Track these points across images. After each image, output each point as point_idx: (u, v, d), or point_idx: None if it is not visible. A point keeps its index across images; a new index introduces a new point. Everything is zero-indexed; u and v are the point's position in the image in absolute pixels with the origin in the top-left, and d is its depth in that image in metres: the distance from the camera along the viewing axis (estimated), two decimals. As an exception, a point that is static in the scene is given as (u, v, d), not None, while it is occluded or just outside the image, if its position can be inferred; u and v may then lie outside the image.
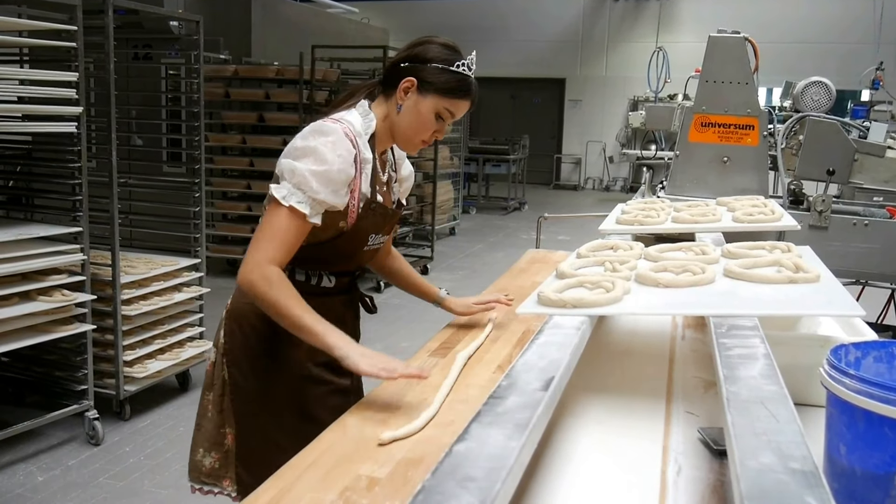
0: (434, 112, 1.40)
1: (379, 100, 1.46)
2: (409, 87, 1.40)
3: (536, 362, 1.04)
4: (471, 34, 13.72)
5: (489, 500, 0.65)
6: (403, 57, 1.43)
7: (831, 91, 3.29)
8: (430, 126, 1.43)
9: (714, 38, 2.75)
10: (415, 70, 1.40)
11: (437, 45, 1.41)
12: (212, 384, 1.51)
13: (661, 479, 1.07)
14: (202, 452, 1.51)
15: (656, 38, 12.36)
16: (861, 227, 2.74)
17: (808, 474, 0.60)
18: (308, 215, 1.33)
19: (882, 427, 0.83)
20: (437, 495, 0.66)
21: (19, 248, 2.69)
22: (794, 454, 0.64)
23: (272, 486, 1.07)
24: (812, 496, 0.56)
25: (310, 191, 1.32)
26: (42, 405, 3.12)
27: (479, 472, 0.70)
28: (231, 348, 1.47)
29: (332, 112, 1.45)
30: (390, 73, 1.44)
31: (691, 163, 2.85)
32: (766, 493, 0.58)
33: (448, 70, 1.39)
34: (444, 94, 1.39)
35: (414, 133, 1.43)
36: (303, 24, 7.54)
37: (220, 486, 1.50)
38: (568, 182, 14.29)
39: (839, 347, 0.99)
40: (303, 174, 1.32)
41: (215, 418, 1.49)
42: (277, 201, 1.33)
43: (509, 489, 0.71)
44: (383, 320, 4.92)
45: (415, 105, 1.40)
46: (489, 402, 0.89)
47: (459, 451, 0.75)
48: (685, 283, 1.42)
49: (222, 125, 5.89)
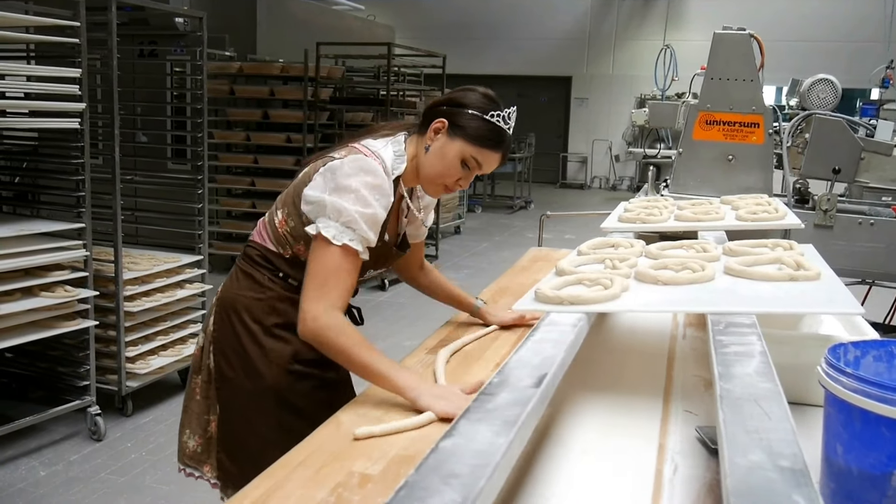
0: (460, 158, 1.37)
1: (413, 138, 1.44)
2: (439, 127, 1.38)
3: (530, 359, 1.03)
4: (477, 32, 13.72)
5: (472, 496, 0.64)
6: (443, 100, 1.42)
7: (838, 89, 3.26)
8: (454, 171, 1.39)
9: (719, 35, 2.73)
10: (449, 112, 1.38)
11: (477, 93, 1.40)
12: (199, 369, 1.52)
13: (656, 477, 1.06)
14: (188, 434, 1.52)
15: (664, 36, 12.30)
16: (867, 227, 2.71)
17: (798, 472, 0.59)
18: (361, 252, 1.32)
19: (879, 426, 0.81)
20: (420, 491, 0.65)
21: (22, 244, 2.70)
22: (785, 452, 0.63)
23: (262, 482, 1.06)
24: (800, 494, 0.55)
25: (360, 230, 1.30)
26: (45, 401, 3.14)
27: (464, 468, 0.69)
28: (219, 337, 1.48)
29: (370, 135, 1.43)
30: (427, 114, 1.42)
31: (695, 161, 2.82)
32: (753, 491, 0.56)
33: (481, 118, 1.36)
34: (472, 140, 1.36)
35: (437, 175, 1.40)
36: (308, 21, 7.54)
37: (201, 470, 1.51)
38: (574, 181, 14.24)
39: (838, 346, 0.97)
40: (350, 214, 1.29)
41: (201, 404, 1.50)
42: (326, 241, 1.29)
43: (495, 486, 0.70)
44: (387, 319, 4.92)
45: (442, 147, 1.38)
46: (479, 399, 0.88)
47: (445, 448, 0.74)
48: (684, 280, 1.41)
49: (227, 122, 5.90)
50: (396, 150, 1.41)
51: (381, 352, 1.28)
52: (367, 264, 1.44)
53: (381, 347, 1.32)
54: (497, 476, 0.70)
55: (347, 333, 1.27)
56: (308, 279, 1.31)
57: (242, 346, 1.44)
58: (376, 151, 1.37)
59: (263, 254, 1.46)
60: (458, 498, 0.64)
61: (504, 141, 1.39)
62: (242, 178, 5.80)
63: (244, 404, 1.45)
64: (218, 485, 1.50)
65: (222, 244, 5.73)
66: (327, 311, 1.27)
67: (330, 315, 1.27)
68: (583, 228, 7.02)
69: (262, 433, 1.42)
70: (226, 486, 1.49)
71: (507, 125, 1.39)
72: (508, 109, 1.40)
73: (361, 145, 1.38)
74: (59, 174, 3.07)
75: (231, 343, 1.45)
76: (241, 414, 1.46)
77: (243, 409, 1.46)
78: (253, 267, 1.47)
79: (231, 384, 1.46)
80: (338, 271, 1.29)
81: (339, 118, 5.97)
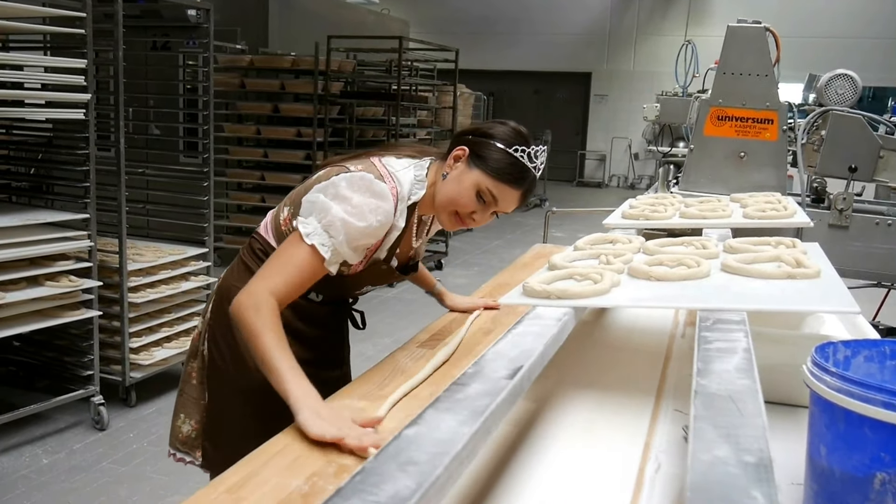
0: (475, 188, 1.28)
1: (436, 165, 1.39)
2: (460, 155, 1.32)
3: (508, 351, 1.00)
4: (495, 26, 13.63)
5: (427, 483, 0.62)
6: (470, 129, 1.36)
7: (857, 85, 3.15)
8: (468, 201, 1.30)
9: (733, 28, 2.66)
10: (473, 142, 1.31)
11: (508, 126, 1.32)
12: (195, 354, 1.51)
13: (638, 475, 1.03)
14: (182, 418, 1.51)
15: (685, 31, 12.13)
16: (884, 227, 2.63)
17: (761, 468, 0.56)
18: (326, 261, 1.25)
19: (863, 427, 0.78)
20: (375, 476, 0.64)
21: (28, 234, 2.72)
22: (751, 448, 0.60)
23: (240, 469, 1.05)
24: (758, 490, 0.53)
25: (335, 238, 1.24)
26: (50, 389, 3.17)
27: (423, 456, 0.68)
28: (213, 325, 1.46)
29: (394, 152, 1.38)
30: (454, 143, 1.36)
31: (706, 158, 2.76)
32: (711, 486, 0.54)
33: (504, 150, 1.28)
34: (491, 172, 1.28)
35: (449, 202, 1.32)
36: (321, 15, 7.54)
37: (193, 455, 1.50)
38: (592, 179, 14.12)
39: (827, 345, 0.93)
40: (334, 220, 1.23)
41: (197, 388, 1.49)
42: (300, 235, 1.24)
43: (452, 475, 0.68)
44: (394, 314, 4.91)
45: (459, 175, 1.30)
46: (450, 389, 0.86)
47: (408, 435, 0.73)
48: (677, 276, 1.37)
49: (238, 116, 5.91)
50: (418, 175, 1.35)
51: (292, 356, 1.15)
52: (366, 280, 1.41)
53: (387, 343, 1.29)
54: (456, 465, 0.68)
55: (267, 322, 1.16)
56: (267, 261, 1.26)
57: (234, 336, 1.43)
58: (394, 173, 1.31)
59: (265, 248, 1.43)
60: (412, 485, 0.62)
61: (526, 178, 1.30)
62: (252, 172, 5.82)
63: (231, 395, 1.44)
64: (205, 469, 1.50)
65: (232, 238, 5.75)
66: (263, 293, 1.19)
67: (262, 297, 1.18)
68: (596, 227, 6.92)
69: (247, 426, 1.41)
70: (212, 474, 1.48)
71: (533, 164, 1.30)
72: (537, 147, 1.31)
73: (381, 163, 1.33)
74: (68, 165, 3.09)
75: (223, 333, 1.44)
76: (227, 404, 1.45)
77: (230, 400, 1.44)
78: (253, 260, 1.45)
79: (220, 374, 1.45)
80: (296, 267, 1.22)
81: (350, 112, 5.96)
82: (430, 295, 1.76)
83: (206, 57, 3.51)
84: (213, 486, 1.00)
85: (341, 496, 0.60)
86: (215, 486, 1.00)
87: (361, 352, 4.22)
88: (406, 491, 0.60)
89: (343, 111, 5.91)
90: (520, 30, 13.65)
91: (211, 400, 1.46)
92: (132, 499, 2.59)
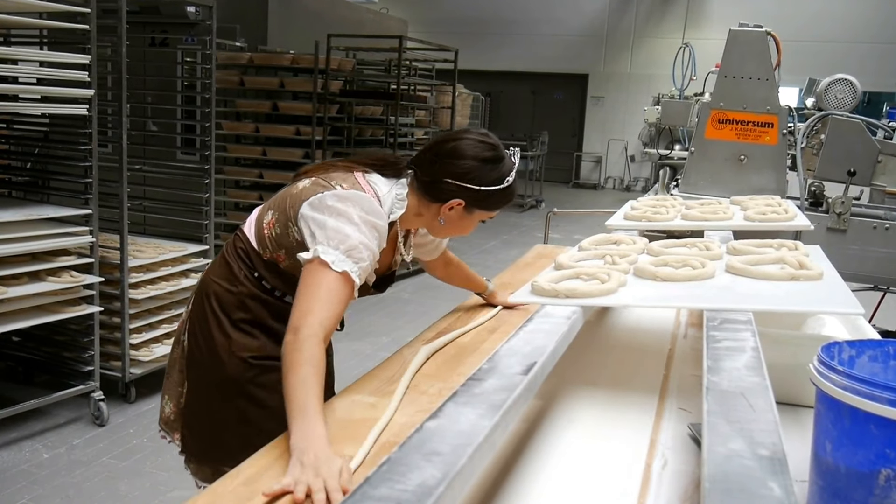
0: (478, 221, 1.44)
1: (415, 190, 1.39)
2: (455, 206, 1.37)
3: (521, 348, 1.02)
4: (492, 27, 13.64)
5: (452, 473, 0.64)
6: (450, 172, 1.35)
7: (857, 90, 3.17)
8: (470, 230, 1.46)
9: (734, 32, 2.68)
10: (464, 192, 1.35)
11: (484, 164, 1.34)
12: (178, 342, 1.53)
13: (644, 471, 1.05)
14: (166, 399, 1.54)
15: (683, 34, 12.17)
16: (881, 231, 2.66)
17: (776, 461, 0.58)
18: (356, 285, 1.27)
19: (868, 424, 0.80)
20: (402, 466, 0.66)
21: (30, 229, 2.72)
22: (765, 441, 0.62)
23: (252, 464, 1.06)
24: (775, 482, 0.54)
25: (361, 263, 1.26)
26: (50, 385, 3.16)
27: (446, 447, 0.70)
28: (193, 318, 1.48)
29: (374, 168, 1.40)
30: (434, 184, 1.37)
31: (706, 160, 2.78)
32: (729, 477, 0.56)
33: (500, 190, 1.37)
34: (492, 208, 1.40)
35: (449, 234, 1.49)
36: (320, 13, 7.53)
37: (172, 437, 1.54)
38: (588, 181, 14.15)
39: (832, 345, 0.96)
40: (356, 245, 1.25)
41: (177, 375, 1.51)
42: (326, 265, 1.23)
43: (476, 466, 0.70)
44: (391, 314, 4.92)
45: (459, 218, 1.40)
46: (467, 384, 0.88)
47: (430, 427, 0.75)
48: (683, 277, 1.39)
49: (237, 113, 5.90)
50: (398, 195, 1.39)
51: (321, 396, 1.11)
52: None
53: (384, 342, 1.31)
54: (478, 456, 0.70)
55: (316, 354, 1.13)
56: (300, 296, 1.22)
57: (210, 331, 1.44)
58: (380, 195, 1.35)
59: (245, 248, 1.43)
60: (437, 474, 0.64)
61: (515, 192, 1.42)
62: (251, 169, 5.81)
63: (208, 387, 1.46)
64: (184, 455, 1.52)
65: (228, 235, 5.73)
66: (327, 329, 1.18)
67: (323, 333, 1.17)
68: (593, 228, 6.94)
69: (223, 418, 1.43)
70: (188, 459, 1.51)
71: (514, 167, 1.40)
72: (511, 152, 1.40)
73: (366, 182, 1.36)
74: (69, 160, 3.09)
75: (202, 326, 1.45)
76: (204, 395, 1.47)
77: (207, 392, 1.46)
78: (233, 258, 1.45)
79: (198, 366, 1.47)
80: (334, 295, 1.22)
81: (349, 111, 5.97)
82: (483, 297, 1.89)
83: (208, 54, 3.51)
84: (231, 477, 1.02)
85: (370, 485, 0.62)
86: (232, 477, 1.02)
87: (359, 350, 4.23)
88: (432, 480, 0.62)
89: (342, 110, 5.91)
90: (517, 31, 13.67)
91: (189, 390, 1.48)
92: (132, 494, 2.60)
